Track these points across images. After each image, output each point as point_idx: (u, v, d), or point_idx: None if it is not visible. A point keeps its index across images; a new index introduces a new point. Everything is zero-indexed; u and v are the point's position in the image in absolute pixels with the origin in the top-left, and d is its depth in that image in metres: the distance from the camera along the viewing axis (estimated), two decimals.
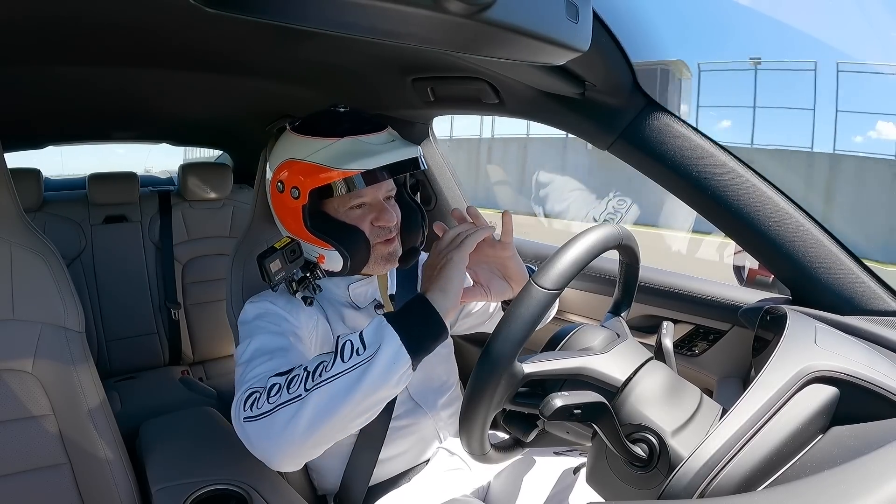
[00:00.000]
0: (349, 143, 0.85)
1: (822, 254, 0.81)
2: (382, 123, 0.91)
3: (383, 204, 0.91)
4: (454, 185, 1.48)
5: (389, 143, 0.88)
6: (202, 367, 2.12)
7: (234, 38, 0.99)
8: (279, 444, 0.70)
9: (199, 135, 2.36)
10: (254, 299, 0.93)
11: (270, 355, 0.80)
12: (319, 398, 0.68)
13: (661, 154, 0.88)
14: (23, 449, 0.88)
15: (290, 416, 0.69)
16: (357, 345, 0.70)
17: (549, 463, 0.97)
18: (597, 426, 0.57)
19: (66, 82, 1.24)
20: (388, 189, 0.92)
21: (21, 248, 0.91)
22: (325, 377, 0.69)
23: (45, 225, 1.88)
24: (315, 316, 0.92)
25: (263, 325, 0.86)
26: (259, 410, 0.71)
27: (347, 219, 0.89)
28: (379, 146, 0.86)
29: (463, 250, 0.75)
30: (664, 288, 1.09)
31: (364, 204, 0.90)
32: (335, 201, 0.89)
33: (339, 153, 0.84)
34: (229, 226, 2.16)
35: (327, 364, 0.70)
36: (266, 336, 0.84)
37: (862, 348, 0.64)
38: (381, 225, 0.90)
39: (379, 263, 0.92)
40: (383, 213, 0.89)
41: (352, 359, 0.69)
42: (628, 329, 0.72)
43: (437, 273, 0.74)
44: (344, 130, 0.86)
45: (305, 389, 0.69)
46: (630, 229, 0.71)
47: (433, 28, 0.50)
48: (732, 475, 0.51)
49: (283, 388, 0.71)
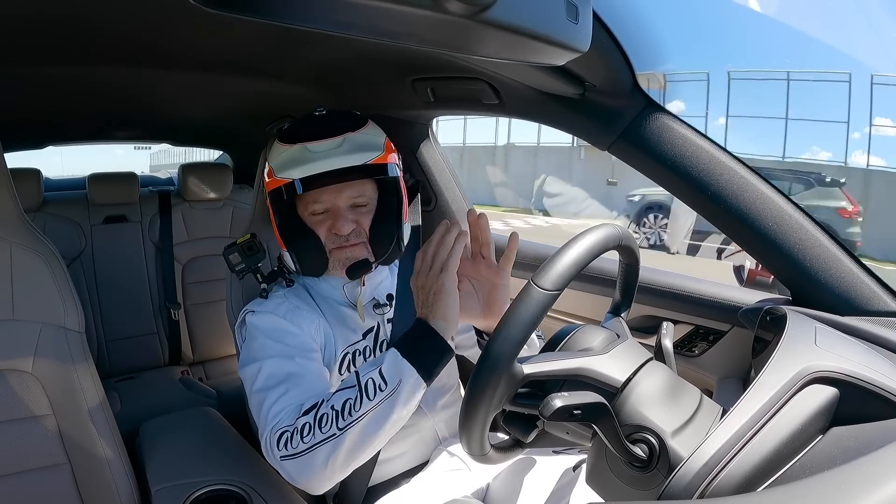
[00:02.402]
0: (296, 150, 0.89)
1: (821, 254, 0.81)
2: (343, 129, 0.90)
3: (340, 212, 0.92)
4: (454, 185, 1.48)
5: (335, 150, 0.88)
6: (202, 368, 2.12)
7: (234, 38, 0.99)
8: (322, 477, 0.76)
9: (199, 135, 2.35)
10: (256, 309, 0.93)
11: (285, 385, 0.83)
12: (353, 436, 0.74)
13: (661, 154, 0.88)
14: (23, 449, 0.88)
15: (329, 453, 0.74)
16: (378, 381, 0.75)
17: (548, 462, 0.97)
18: (597, 427, 0.57)
19: (66, 82, 1.24)
20: (353, 196, 0.92)
21: (21, 248, 0.91)
22: (354, 416, 0.74)
23: (45, 225, 1.88)
24: (316, 320, 0.93)
25: (270, 346, 0.88)
26: (295, 450, 0.76)
27: (310, 222, 0.93)
28: (322, 153, 0.88)
29: (451, 273, 0.78)
30: (664, 288, 1.09)
31: (327, 210, 0.92)
32: (301, 204, 0.94)
33: (286, 160, 0.89)
34: (229, 226, 2.16)
35: (353, 402, 0.75)
36: (275, 361, 0.86)
37: (862, 349, 0.64)
38: (335, 232, 0.91)
39: (338, 268, 0.93)
40: (337, 220, 0.91)
41: (377, 395, 0.74)
42: (628, 329, 0.72)
43: (434, 301, 0.77)
44: (298, 137, 0.90)
45: (339, 429, 0.74)
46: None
47: (433, 28, 0.50)
48: (732, 475, 0.51)
49: (314, 427, 0.76)
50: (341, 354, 0.94)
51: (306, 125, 0.92)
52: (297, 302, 0.94)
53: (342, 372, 0.93)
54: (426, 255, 0.79)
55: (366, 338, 0.97)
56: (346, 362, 0.94)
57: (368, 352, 0.96)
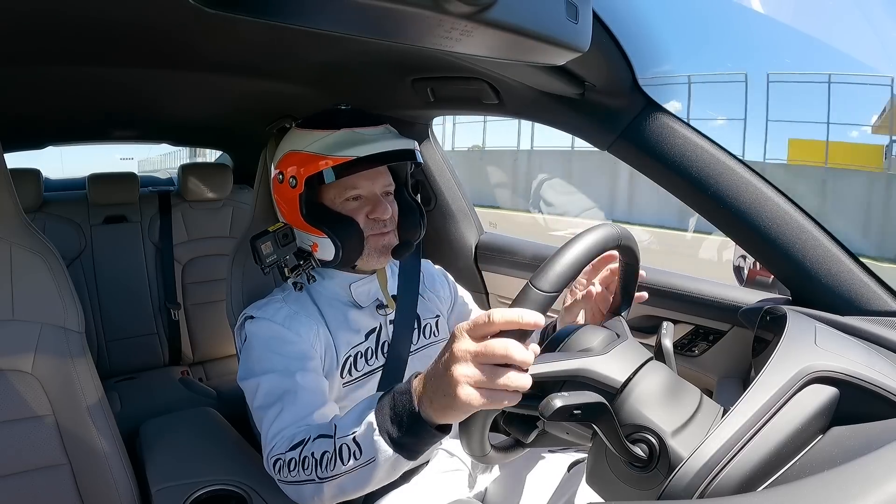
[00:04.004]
0: (345, 133, 0.89)
1: (821, 254, 0.81)
2: (382, 120, 0.95)
3: (378, 197, 0.93)
4: (454, 185, 1.48)
5: (384, 134, 0.92)
6: (202, 368, 2.12)
7: (234, 38, 0.99)
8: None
9: (199, 135, 2.36)
10: (255, 314, 0.93)
11: (281, 404, 0.83)
12: (333, 488, 0.73)
13: (661, 154, 0.88)
14: (23, 449, 0.88)
15: (313, 493, 0.75)
16: (353, 448, 0.69)
17: (548, 462, 0.97)
18: (597, 426, 0.57)
19: (66, 82, 1.24)
20: (385, 184, 0.95)
21: (21, 248, 0.91)
22: (330, 473, 0.72)
23: (44, 225, 1.88)
24: (315, 326, 0.92)
25: (267, 360, 0.88)
26: (286, 479, 0.78)
27: (343, 210, 0.92)
28: (373, 136, 0.91)
29: (496, 396, 0.56)
30: (664, 288, 1.09)
31: (360, 197, 0.93)
32: (332, 193, 0.92)
33: (334, 142, 0.88)
34: (229, 226, 2.16)
35: (330, 458, 0.72)
36: (272, 378, 0.86)
37: (861, 348, 0.64)
38: (375, 217, 0.92)
39: (373, 256, 0.94)
40: (378, 205, 0.92)
41: (350, 461, 0.70)
42: (628, 329, 0.72)
43: (450, 402, 0.58)
44: (342, 123, 0.91)
45: (318, 478, 0.73)
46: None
47: (433, 28, 0.50)
48: (732, 475, 0.51)
49: (298, 464, 0.75)
50: (343, 357, 0.93)
51: (343, 114, 0.93)
52: (295, 307, 0.93)
53: (344, 375, 0.93)
54: (491, 324, 0.55)
55: (368, 339, 0.97)
56: (349, 365, 0.94)
57: (371, 353, 0.96)
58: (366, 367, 0.95)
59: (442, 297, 1.11)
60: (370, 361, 0.96)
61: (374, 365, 0.96)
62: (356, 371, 0.94)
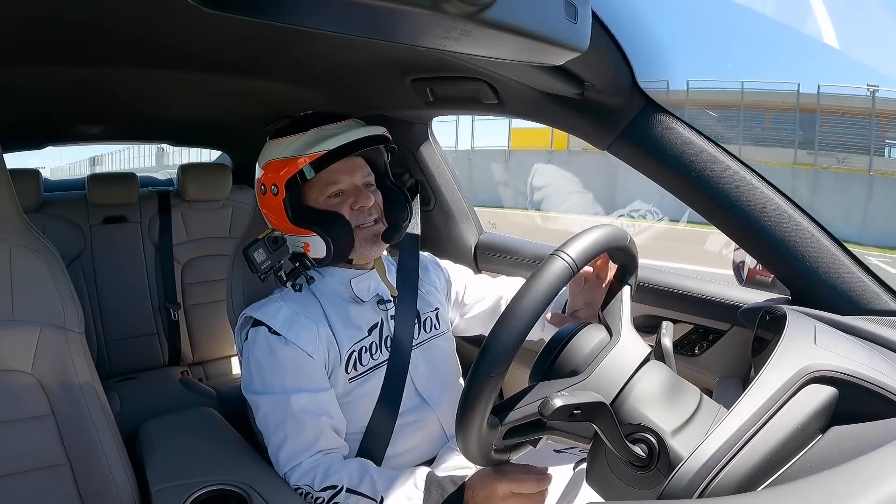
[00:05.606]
0: (314, 132, 0.93)
1: (821, 254, 0.81)
2: (346, 116, 0.99)
3: (359, 188, 0.97)
4: (454, 185, 1.48)
5: (351, 125, 0.96)
6: (202, 368, 2.11)
7: (233, 38, 0.99)
8: None
9: (199, 135, 2.35)
10: (255, 315, 0.94)
11: (283, 431, 0.88)
12: None
13: (661, 154, 0.88)
14: (22, 449, 0.88)
15: None
16: None
17: (548, 461, 0.97)
18: (596, 426, 0.57)
19: (66, 82, 1.24)
20: (364, 175, 0.98)
21: (21, 248, 0.91)
22: None
23: (44, 225, 1.87)
24: (315, 326, 0.93)
25: (267, 380, 0.91)
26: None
27: (327, 206, 0.95)
28: (340, 129, 0.94)
29: None
30: (664, 288, 1.09)
31: (341, 192, 0.96)
32: (314, 193, 0.95)
33: (304, 143, 0.93)
34: (229, 226, 2.16)
35: None
36: (271, 401, 0.90)
37: (861, 348, 0.64)
38: (359, 207, 0.95)
39: (365, 246, 0.96)
40: (360, 195, 0.96)
41: None
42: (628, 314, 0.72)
43: None
44: (310, 124, 0.95)
45: None
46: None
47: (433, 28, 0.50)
48: (732, 475, 0.51)
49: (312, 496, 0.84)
50: (346, 353, 0.94)
51: (310, 117, 0.97)
52: (295, 307, 0.94)
53: (349, 370, 0.94)
54: (528, 479, 0.78)
55: (371, 333, 0.98)
56: (353, 360, 0.95)
57: (375, 348, 0.97)
58: (371, 361, 0.96)
59: (438, 286, 1.12)
60: (375, 356, 0.97)
61: (378, 359, 0.97)
62: (361, 366, 0.95)
